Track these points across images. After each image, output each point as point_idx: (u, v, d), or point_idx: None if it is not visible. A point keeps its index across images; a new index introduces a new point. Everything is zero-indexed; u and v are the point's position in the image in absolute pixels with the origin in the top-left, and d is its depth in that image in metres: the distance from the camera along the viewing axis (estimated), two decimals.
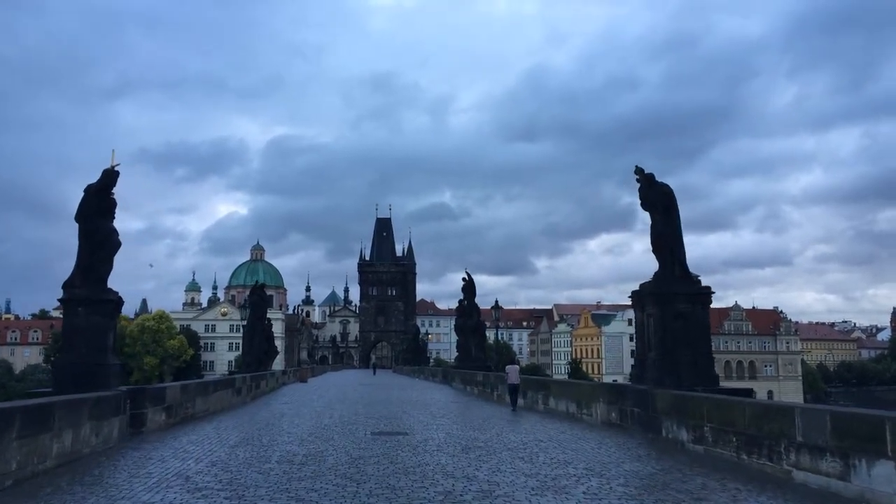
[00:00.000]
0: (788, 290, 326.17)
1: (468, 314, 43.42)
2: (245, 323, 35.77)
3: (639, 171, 15.30)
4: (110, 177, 13.80)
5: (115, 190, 14.07)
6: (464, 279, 43.84)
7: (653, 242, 15.06)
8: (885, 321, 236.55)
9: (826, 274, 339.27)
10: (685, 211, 15.08)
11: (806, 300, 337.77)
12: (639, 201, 15.51)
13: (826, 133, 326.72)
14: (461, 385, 36.67)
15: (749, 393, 13.46)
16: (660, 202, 14.77)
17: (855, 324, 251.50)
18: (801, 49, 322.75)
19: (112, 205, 13.97)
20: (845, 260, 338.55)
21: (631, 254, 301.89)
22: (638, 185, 15.37)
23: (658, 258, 14.95)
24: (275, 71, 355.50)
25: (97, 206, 13.54)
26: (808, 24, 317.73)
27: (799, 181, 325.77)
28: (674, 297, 14.37)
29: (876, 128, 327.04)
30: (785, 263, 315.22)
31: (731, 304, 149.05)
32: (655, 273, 14.94)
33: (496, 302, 33.22)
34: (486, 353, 44.93)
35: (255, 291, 41.89)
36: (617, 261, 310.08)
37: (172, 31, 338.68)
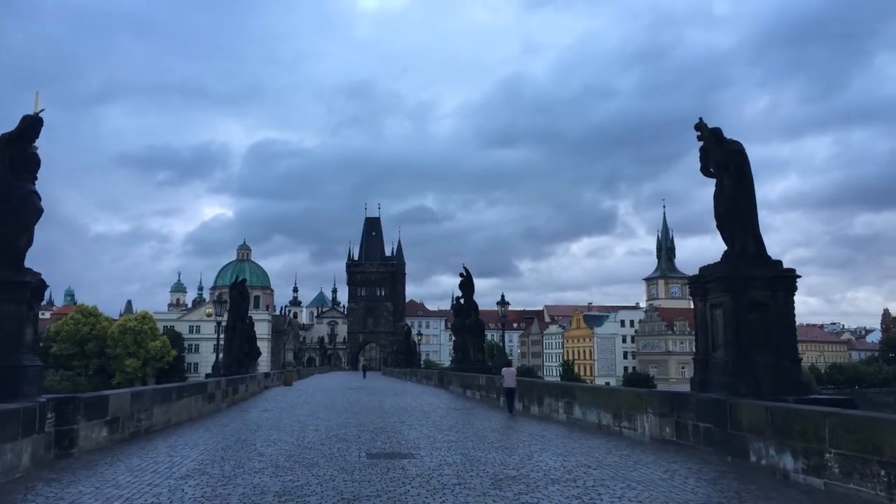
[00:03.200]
0: None
1: (466, 313, 40.45)
2: (221, 320, 32.44)
3: (701, 126, 12.34)
4: (30, 124, 10.67)
5: (38, 144, 10.97)
6: (461, 275, 40.88)
7: (720, 215, 12.10)
8: (867, 323, 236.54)
9: (805, 277, 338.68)
10: (670, 213, 12.30)
11: None
12: (699, 164, 12.57)
13: (799, 140, 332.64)
14: (460, 389, 33.61)
15: (851, 404, 10.49)
16: (732, 163, 11.81)
17: (843, 326, 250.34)
18: (771, 61, 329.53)
19: (33, 161, 10.85)
20: (824, 263, 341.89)
21: (613, 257, 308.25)
22: (700, 143, 12.42)
23: (726, 234, 12.02)
24: (259, 76, 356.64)
25: (10, 160, 10.39)
26: (775, 38, 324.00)
27: (776, 187, 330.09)
28: (749, 283, 11.42)
29: (847, 135, 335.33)
30: None
31: None
32: (725, 252, 12.00)
33: (502, 297, 30.15)
34: (485, 354, 41.98)
35: (236, 287, 38.71)
36: (600, 264, 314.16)
37: (158, 37, 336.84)
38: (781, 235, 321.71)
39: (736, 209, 11.70)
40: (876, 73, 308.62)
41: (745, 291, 11.32)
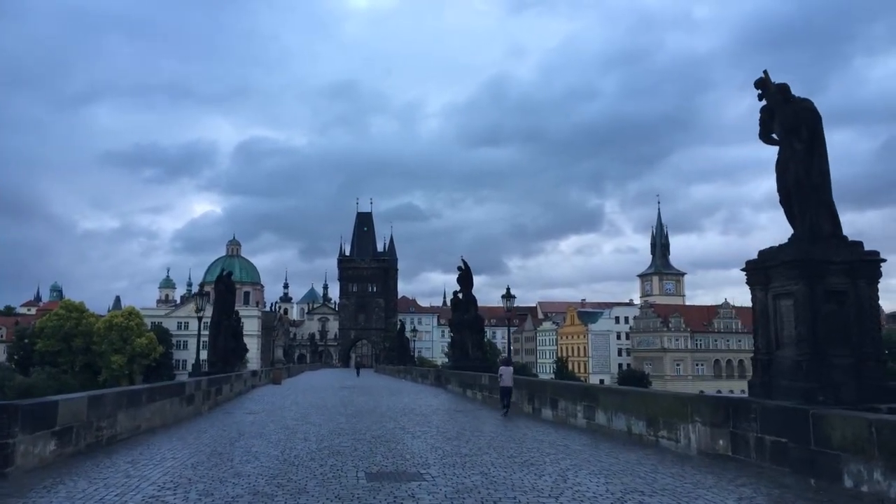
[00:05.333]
0: None
1: (464, 308, 38.52)
2: (202, 315, 30.37)
3: (766, 81, 10.45)
4: None
5: None
6: (459, 268, 38.91)
7: (787, 187, 10.19)
8: None
9: None
10: (651, 212, 10.44)
11: None
12: (758, 129, 10.67)
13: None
14: (459, 389, 31.69)
15: None
16: (803, 124, 9.92)
17: None
18: (751, 64, 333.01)
19: None
20: None
21: (600, 255, 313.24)
22: (760, 101, 10.52)
23: (794, 210, 10.12)
24: (248, 75, 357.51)
25: None
26: (754, 42, 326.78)
27: (760, 186, 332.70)
28: (825, 268, 9.52)
29: (829, 136, 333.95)
30: None
31: (719, 301, 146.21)
32: (794, 234, 10.09)
33: (507, 290, 27.94)
34: (485, 351, 40.09)
35: (221, 281, 36.71)
36: (588, 261, 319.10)
37: (147, 36, 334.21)
38: (767, 233, 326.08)
39: (807, 180, 9.80)
40: (854, 75, 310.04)
41: (820, 278, 9.44)
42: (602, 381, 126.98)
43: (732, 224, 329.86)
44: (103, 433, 12.45)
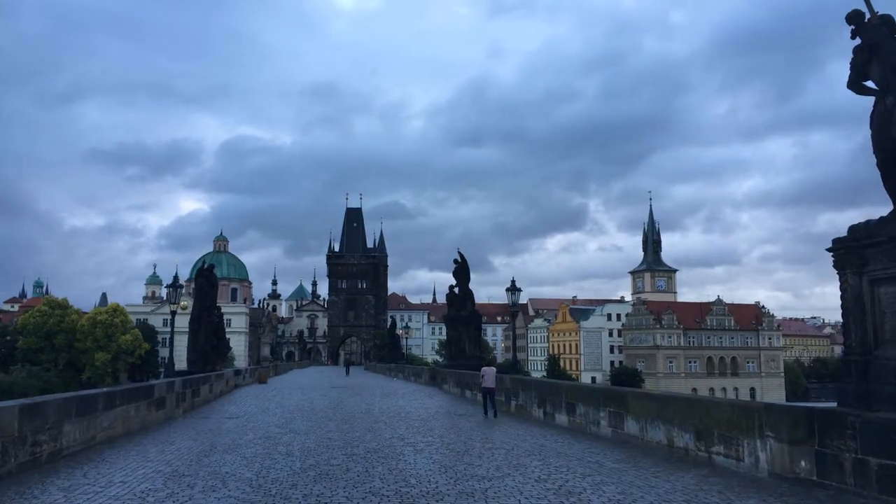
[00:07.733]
0: (739, 288, 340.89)
1: (461, 303, 36.45)
2: (175, 309, 28.10)
3: (859, 14, 8.41)
4: None
5: None
6: (456, 261, 36.85)
7: (887, 146, 8.13)
8: (834, 318, 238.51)
9: (774, 273, 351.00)
10: (639, 211, 8.44)
11: (757, 297, 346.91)
12: (848, 74, 8.65)
13: (761, 142, 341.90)
14: (457, 389, 29.63)
15: None
16: None
17: (824, 320, 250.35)
18: (727, 67, 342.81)
19: None
20: (790, 260, 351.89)
21: (585, 253, 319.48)
22: (854, 39, 8.50)
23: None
24: (234, 75, 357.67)
25: None
26: (729, 46, 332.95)
27: (742, 186, 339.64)
28: None
29: (806, 137, 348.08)
30: (734, 263, 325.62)
31: (704, 299, 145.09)
32: None
33: (513, 282, 25.61)
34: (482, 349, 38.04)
35: (202, 274, 34.44)
36: (573, 260, 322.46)
37: (133, 34, 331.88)
38: (749, 232, 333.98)
39: None
40: (828, 79, 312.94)
41: None
42: (594, 379, 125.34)
43: (714, 223, 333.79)
44: (42, 449, 10.32)
